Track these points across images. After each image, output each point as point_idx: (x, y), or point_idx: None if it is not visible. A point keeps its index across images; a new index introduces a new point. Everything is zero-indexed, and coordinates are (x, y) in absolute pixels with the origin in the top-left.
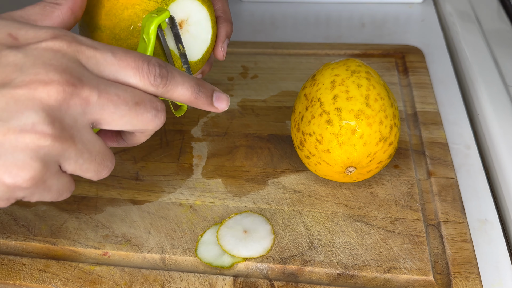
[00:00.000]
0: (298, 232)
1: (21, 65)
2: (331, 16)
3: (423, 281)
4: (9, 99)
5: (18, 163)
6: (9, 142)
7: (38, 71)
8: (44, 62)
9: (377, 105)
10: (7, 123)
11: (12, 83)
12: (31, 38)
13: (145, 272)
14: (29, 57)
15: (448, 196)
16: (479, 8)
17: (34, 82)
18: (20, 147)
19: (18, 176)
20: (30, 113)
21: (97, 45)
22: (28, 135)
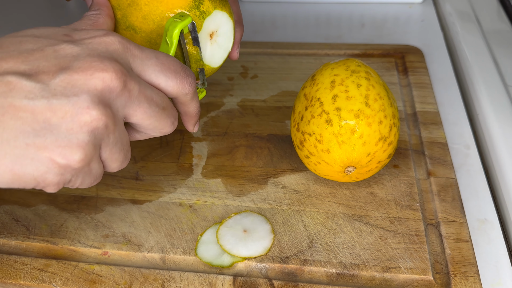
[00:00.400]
0: (297, 231)
1: (77, 55)
2: (331, 16)
3: (422, 281)
4: (67, 84)
5: (72, 144)
6: (66, 124)
7: (94, 59)
8: (98, 53)
9: (376, 105)
10: (64, 106)
11: (69, 69)
12: (84, 35)
13: (145, 272)
14: (84, 49)
15: (447, 195)
16: (479, 8)
17: (90, 68)
18: (75, 129)
19: (72, 156)
20: (86, 96)
21: (142, 47)
22: (83, 117)
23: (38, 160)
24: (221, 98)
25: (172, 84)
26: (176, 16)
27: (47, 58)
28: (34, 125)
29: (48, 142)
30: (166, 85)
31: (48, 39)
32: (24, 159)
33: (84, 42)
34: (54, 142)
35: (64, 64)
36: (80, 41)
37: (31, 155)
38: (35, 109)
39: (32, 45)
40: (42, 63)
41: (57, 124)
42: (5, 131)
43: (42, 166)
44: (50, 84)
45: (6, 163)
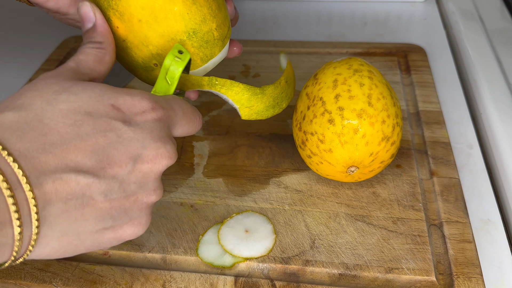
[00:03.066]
0: (299, 232)
1: (142, 140)
2: (333, 15)
3: (425, 282)
4: (138, 173)
5: (143, 221)
6: (138, 207)
7: (158, 145)
8: (159, 136)
9: (379, 104)
10: (137, 193)
11: (140, 158)
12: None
13: (146, 272)
14: (145, 132)
15: (450, 196)
16: (482, 6)
17: (157, 156)
18: (145, 209)
19: (142, 229)
20: (153, 182)
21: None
22: (151, 199)
23: (113, 239)
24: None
25: (190, 130)
26: (174, 51)
27: (114, 146)
28: (111, 212)
29: (123, 223)
30: (187, 132)
31: (103, 119)
32: (102, 240)
33: (140, 122)
34: (128, 222)
35: (133, 153)
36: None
37: (108, 236)
38: (113, 200)
39: (90, 128)
40: (111, 152)
41: (130, 207)
42: (86, 222)
43: (115, 241)
44: (124, 177)
45: (87, 246)
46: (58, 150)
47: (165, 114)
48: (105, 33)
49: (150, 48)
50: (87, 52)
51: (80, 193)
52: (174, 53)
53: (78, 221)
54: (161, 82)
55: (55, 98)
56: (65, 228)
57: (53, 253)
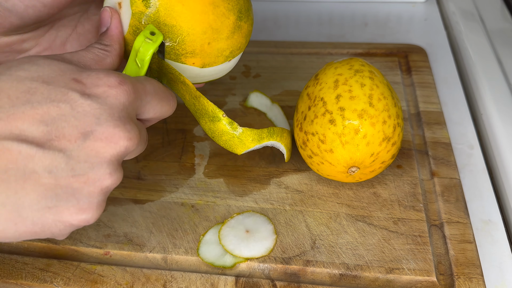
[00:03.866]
0: (300, 232)
1: (98, 115)
2: (334, 15)
3: (426, 282)
4: (90, 151)
5: (92, 205)
6: (87, 188)
7: (116, 123)
8: (118, 114)
9: (380, 105)
10: (87, 173)
11: (93, 135)
12: (96, 81)
13: (147, 272)
14: (103, 107)
15: (451, 196)
16: (483, 7)
17: (114, 136)
18: (96, 192)
19: (91, 216)
20: (108, 164)
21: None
22: (105, 182)
23: (58, 221)
24: (223, 97)
25: (164, 112)
26: (146, 32)
27: (66, 118)
28: (56, 190)
29: (70, 205)
30: (160, 114)
31: (59, 88)
32: (45, 221)
33: (100, 95)
34: (75, 205)
35: (86, 128)
36: (95, 94)
37: (52, 217)
38: (58, 177)
39: (44, 97)
40: (61, 124)
41: (79, 188)
42: (27, 196)
43: (62, 225)
44: (73, 153)
45: (27, 225)
46: (4, 115)
47: (133, 91)
48: (114, 37)
49: (225, 54)
50: (89, 49)
51: (22, 164)
52: (146, 34)
53: (18, 194)
54: (130, 65)
55: (16, 65)
56: (3, 199)
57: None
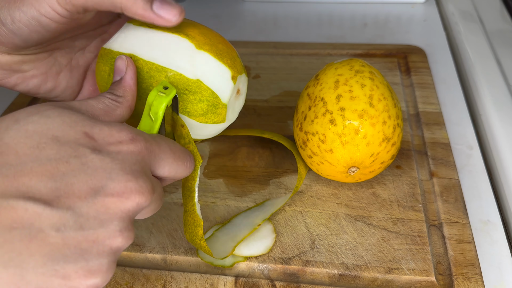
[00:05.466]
0: (299, 232)
1: (109, 171)
2: (333, 16)
3: (425, 282)
4: (100, 207)
5: (102, 268)
6: (97, 248)
7: (128, 178)
8: (131, 168)
9: (380, 105)
10: (97, 231)
11: (103, 190)
12: (108, 138)
13: (147, 272)
14: (115, 162)
15: (450, 196)
16: (482, 8)
17: (125, 191)
18: (106, 252)
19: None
20: (119, 221)
21: (157, 139)
22: (115, 242)
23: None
24: None
25: (180, 171)
26: (159, 87)
27: (75, 174)
28: (64, 251)
29: (78, 267)
30: (176, 173)
31: (70, 145)
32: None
33: (112, 151)
34: (84, 267)
35: (96, 183)
36: (106, 148)
37: (58, 282)
38: (66, 237)
39: (53, 153)
40: (71, 180)
41: (88, 248)
42: (32, 258)
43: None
44: (83, 210)
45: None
46: (11, 172)
47: (146, 147)
48: (127, 88)
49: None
50: (100, 99)
51: (27, 223)
52: (159, 89)
53: (22, 255)
54: (145, 120)
55: (25, 118)
56: (6, 261)
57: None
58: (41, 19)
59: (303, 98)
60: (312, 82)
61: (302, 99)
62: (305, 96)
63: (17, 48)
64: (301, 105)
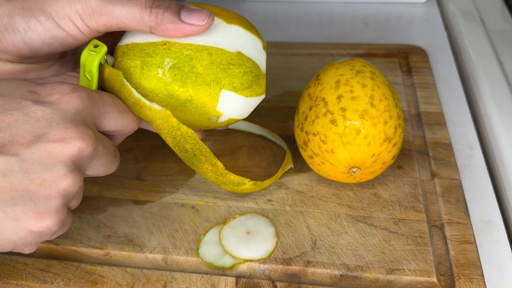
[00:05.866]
0: (300, 233)
1: (50, 120)
2: (334, 16)
3: (426, 283)
4: (43, 152)
5: (51, 209)
6: (44, 190)
7: (68, 125)
8: (71, 117)
9: (381, 106)
10: (42, 174)
11: (45, 137)
12: (50, 91)
13: (147, 273)
14: (56, 112)
15: (451, 197)
16: (483, 8)
17: (66, 136)
18: (53, 195)
19: (51, 222)
20: (63, 165)
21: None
22: (61, 185)
23: (17, 228)
24: None
25: (126, 124)
26: (90, 47)
27: (18, 124)
28: (12, 194)
29: (27, 209)
30: (123, 125)
31: (14, 99)
32: (3, 228)
33: (53, 102)
34: (33, 209)
35: (38, 132)
36: (48, 101)
37: (10, 224)
38: (13, 180)
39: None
40: (15, 130)
41: (35, 191)
42: None
43: (22, 232)
44: (26, 155)
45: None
46: None
47: (87, 97)
48: None
49: None
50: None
51: None
52: (89, 48)
53: None
54: (82, 80)
55: None
56: None
57: None
58: (58, 32)
59: (304, 98)
60: (313, 82)
61: (303, 99)
62: (306, 96)
63: (22, 58)
64: (302, 105)
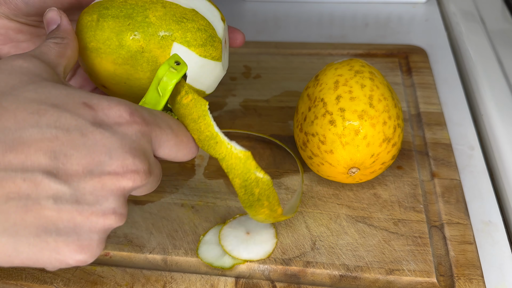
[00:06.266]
0: (300, 233)
1: (109, 147)
2: (334, 16)
3: (426, 283)
4: (97, 184)
5: (93, 243)
6: (90, 224)
7: (126, 156)
8: (129, 146)
9: (380, 106)
10: (91, 207)
11: (101, 167)
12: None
13: (147, 273)
14: (114, 138)
15: (451, 197)
16: (483, 8)
17: (123, 170)
18: (98, 228)
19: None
20: (114, 199)
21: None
22: (108, 220)
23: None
24: (224, 98)
25: (180, 155)
26: (170, 61)
27: (75, 145)
28: (58, 224)
29: (70, 241)
30: (176, 156)
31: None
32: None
33: (112, 125)
34: (75, 242)
35: (95, 159)
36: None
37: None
38: (62, 210)
39: (53, 120)
40: (70, 151)
41: (81, 223)
42: (26, 229)
43: (57, 262)
44: (80, 185)
45: (22, 258)
46: (9, 138)
47: (146, 126)
48: (68, 31)
49: None
50: (49, 46)
51: (24, 193)
52: (170, 63)
53: (16, 226)
54: (151, 93)
55: (21, 86)
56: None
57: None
58: None
59: (303, 99)
60: (312, 82)
61: (302, 99)
62: (305, 97)
63: (18, 12)
64: (301, 105)
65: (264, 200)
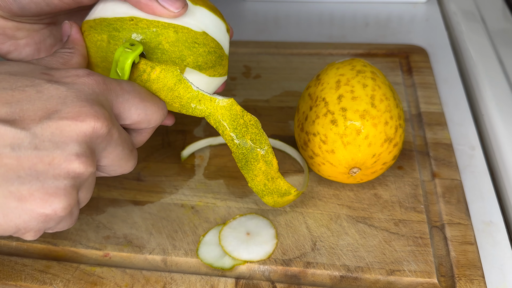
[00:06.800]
0: (300, 233)
1: (64, 97)
2: (335, 16)
3: (427, 284)
4: (55, 129)
5: (59, 191)
6: (53, 170)
7: (83, 103)
8: (86, 96)
9: (382, 106)
10: (52, 152)
11: (58, 114)
12: (65, 74)
13: (147, 274)
14: (70, 90)
15: (452, 197)
16: (484, 7)
17: (80, 114)
18: (62, 175)
19: (58, 204)
20: (75, 144)
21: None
22: (72, 165)
23: (21, 209)
24: None
25: (150, 113)
26: (126, 44)
27: (30, 100)
28: (19, 172)
29: (34, 188)
30: (146, 115)
31: (26, 77)
32: (7, 208)
33: (68, 82)
34: (40, 189)
35: (51, 108)
36: (63, 81)
37: (15, 204)
38: (21, 157)
39: (9, 84)
40: (26, 105)
41: (44, 170)
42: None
43: (26, 215)
44: (37, 131)
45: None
46: None
47: (103, 82)
48: (75, 41)
49: None
50: (55, 54)
51: None
52: (125, 45)
53: None
54: (112, 75)
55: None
56: None
57: None
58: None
59: (304, 98)
60: (313, 82)
61: (303, 99)
62: (306, 96)
63: (13, 15)
64: (302, 105)
65: (257, 148)
